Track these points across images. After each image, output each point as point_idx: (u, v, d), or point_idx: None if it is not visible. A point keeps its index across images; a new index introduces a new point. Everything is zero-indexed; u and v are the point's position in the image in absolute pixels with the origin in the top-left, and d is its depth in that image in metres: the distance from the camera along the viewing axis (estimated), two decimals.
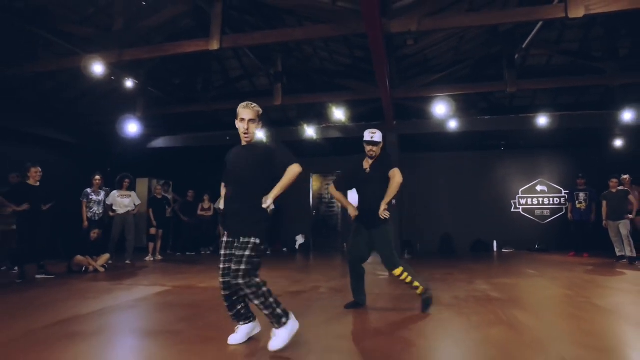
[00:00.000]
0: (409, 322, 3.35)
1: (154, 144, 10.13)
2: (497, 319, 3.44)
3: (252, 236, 2.56)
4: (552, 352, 2.57)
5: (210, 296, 4.62)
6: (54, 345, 2.82)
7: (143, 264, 7.74)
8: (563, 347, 2.66)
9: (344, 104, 8.07)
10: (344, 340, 2.87)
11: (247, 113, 2.72)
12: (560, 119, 8.27)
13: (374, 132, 3.75)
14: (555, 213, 10.25)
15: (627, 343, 2.90)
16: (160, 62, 8.10)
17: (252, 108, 2.74)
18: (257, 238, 2.57)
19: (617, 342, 2.92)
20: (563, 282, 5.40)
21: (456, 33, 6.31)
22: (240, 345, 2.71)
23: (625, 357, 2.57)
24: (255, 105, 2.78)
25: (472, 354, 2.56)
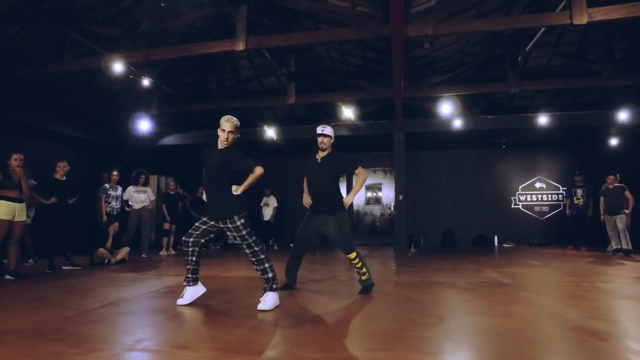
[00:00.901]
0: (434, 302, 3.64)
1: (165, 142, 10.34)
2: (514, 299, 3.76)
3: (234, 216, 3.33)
4: (569, 322, 2.88)
5: (238, 284, 4.90)
6: (114, 321, 3.07)
7: (158, 257, 7.96)
8: (578, 319, 2.98)
9: (353, 103, 8.36)
10: (393, 317, 3.16)
11: (228, 126, 3.36)
12: (558, 118, 8.65)
13: (324, 127, 4.23)
14: (553, 209, 10.65)
15: (630, 315, 3.23)
16: (173, 61, 8.33)
17: (232, 122, 3.40)
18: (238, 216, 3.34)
19: (620, 314, 3.27)
20: (566, 270, 5.75)
21: (463, 37, 6.64)
22: (290, 323, 2.99)
23: (629, 326, 2.89)
24: (235, 120, 3.44)
25: (499, 325, 2.86)
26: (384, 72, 7.65)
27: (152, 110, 8.59)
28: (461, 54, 7.58)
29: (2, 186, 4.99)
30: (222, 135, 3.39)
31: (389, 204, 11.51)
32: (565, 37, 7.62)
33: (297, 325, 2.85)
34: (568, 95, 9.35)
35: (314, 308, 3.45)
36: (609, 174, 8.20)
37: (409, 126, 8.85)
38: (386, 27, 4.67)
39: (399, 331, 2.71)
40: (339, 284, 4.82)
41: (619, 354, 2.24)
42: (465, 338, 2.58)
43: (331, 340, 2.52)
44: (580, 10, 4.55)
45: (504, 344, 2.46)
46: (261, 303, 3.34)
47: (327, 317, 3.13)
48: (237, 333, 2.76)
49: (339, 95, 7.90)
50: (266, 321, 3.05)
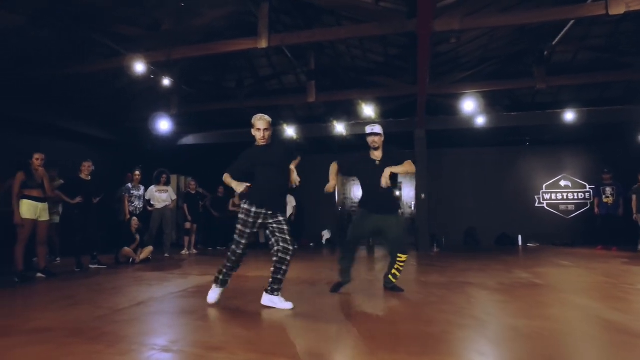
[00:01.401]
0: (469, 303, 3.52)
1: (184, 141, 10.40)
2: (551, 301, 3.62)
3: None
4: (613, 325, 2.74)
5: (263, 283, 4.85)
6: (146, 320, 3.06)
7: (180, 257, 7.99)
8: (622, 322, 2.83)
9: (373, 101, 8.25)
10: (433, 319, 3.07)
11: (262, 124, 3.45)
12: (585, 114, 8.39)
13: (374, 125, 4.16)
14: (580, 208, 10.36)
15: None
16: (192, 61, 8.36)
17: (265, 119, 3.48)
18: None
19: None
20: (600, 271, 5.54)
21: (488, 32, 6.47)
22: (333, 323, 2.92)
23: None
24: (267, 117, 3.51)
25: (541, 328, 2.73)
26: (405, 69, 7.52)
27: (172, 110, 8.64)
28: (484, 49, 7.40)
29: (26, 186, 5.03)
30: (258, 134, 3.47)
31: (410, 202, 11.36)
32: (594, 30, 7.36)
33: (334, 328, 2.79)
34: (593, 90, 9.04)
35: (347, 309, 3.38)
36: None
37: (431, 124, 8.69)
38: (411, 22, 4.56)
39: (440, 333, 2.62)
40: (365, 284, 4.73)
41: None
42: (508, 342, 2.47)
43: (370, 342, 2.45)
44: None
45: (549, 348, 2.34)
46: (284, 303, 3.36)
47: (361, 319, 3.05)
48: (272, 334, 2.71)
49: (359, 93, 7.80)
50: (299, 322, 2.99)
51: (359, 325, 2.86)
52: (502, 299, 3.75)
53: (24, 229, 4.93)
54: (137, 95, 8.84)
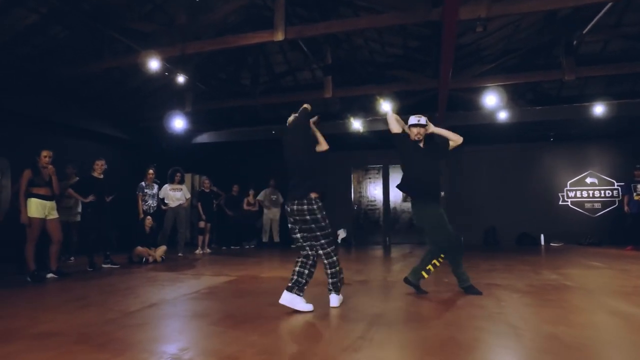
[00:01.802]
0: (499, 307, 3.27)
1: (198, 139, 10.31)
2: (590, 306, 3.35)
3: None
4: None
5: (278, 284, 4.67)
6: (157, 325, 2.91)
7: (194, 256, 7.89)
8: None
9: (391, 96, 8.00)
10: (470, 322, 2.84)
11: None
12: (615, 107, 7.98)
13: (419, 116, 3.90)
14: (607, 206, 9.91)
15: None
16: (206, 57, 8.24)
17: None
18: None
19: None
20: (637, 273, 5.20)
21: (513, 21, 6.15)
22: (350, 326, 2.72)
23: None
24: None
25: (588, 338, 2.48)
26: (426, 62, 7.24)
27: (187, 107, 8.54)
28: (508, 41, 7.07)
29: (33, 184, 4.90)
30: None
31: None
32: (628, 16, 6.95)
33: (357, 334, 2.58)
34: (624, 82, 8.60)
35: (370, 313, 3.15)
36: None
37: (451, 119, 8.38)
38: (435, 11, 4.31)
39: (472, 341, 2.39)
40: (387, 285, 4.52)
41: None
42: (550, 354, 2.22)
43: (398, 350, 2.24)
44: None
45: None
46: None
47: (387, 323, 2.84)
48: (290, 342, 2.53)
49: (377, 88, 7.56)
50: (319, 328, 2.79)
51: (384, 330, 2.65)
52: (535, 302, 3.49)
53: (32, 228, 4.82)
54: (152, 94, 8.77)
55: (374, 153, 11.00)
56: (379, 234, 11.17)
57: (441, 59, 4.90)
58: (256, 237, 10.52)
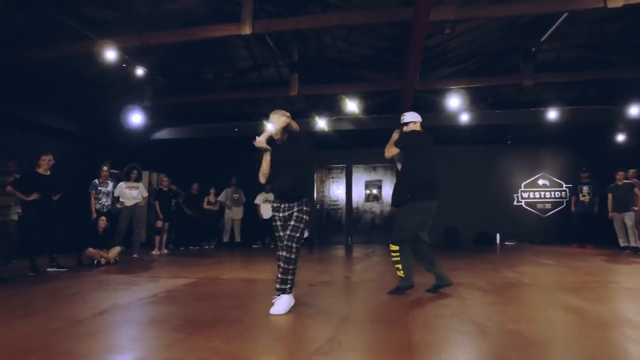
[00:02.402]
0: (464, 306, 3.31)
1: (158, 135, 9.87)
2: (548, 303, 3.47)
3: None
4: (626, 331, 2.58)
5: (241, 286, 4.53)
6: (109, 333, 2.69)
7: (151, 257, 7.52)
8: (630, 326, 2.68)
9: (357, 96, 8.01)
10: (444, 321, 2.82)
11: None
12: (567, 113, 8.43)
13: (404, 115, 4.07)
14: (556, 206, 10.46)
15: None
16: (168, 51, 7.88)
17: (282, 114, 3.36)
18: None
19: None
20: (585, 270, 5.49)
21: (478, 26, 6.32)
22: (317, 331, 2.63)
23: None
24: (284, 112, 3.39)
25: (550, 335, 2.54)
26: (393, 63, 7.30)
27: (146, 101, 8.12)
28: (472, 45, 7.27)
29: None
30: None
31: (390, 201, 11.20)
32: (581, 27, 7.34)
33: (324, 337, 2.50)
34: (576, 89, 9.12)
35: (336, 315, 3.08)
36: (618, 170, 8.01)
37: None
38: (407, 11, 4.32)
39: (441, 340, 2.38)
40: (351, 285, 4.48)
41: None
42: (516, 351, 2.24)
43: (367, 353, 2.18)
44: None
45: (561, 357, 2.14)
46: (275, 306, 3.12)
47: (354, 326, 2.78)
48: (257, 346, 2.40)
49: (344, 87, 7.54)
50: (286, 330, 2.69)
51: (353, 332, 2.59)
52: (497, 300, 3.57)
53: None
54: (108, 86, 8.25)
55: (337, 153, 11.01)
56: (341, 234, 11.19)
57: (409, 59, 4.92)
58: (216, 237, 10.23)
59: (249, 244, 10.09)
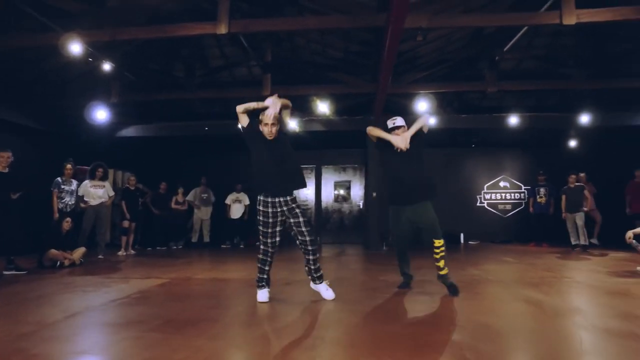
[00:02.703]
0: (436, 302, 3.47)
1: (124, 133, 9.56)
2: (512, 297, 3.70)
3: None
4: (579, 320, 2.82)
5: (216, 286, 4.51)
6: (84, 335, 2.64)
7: (117, 258, 7.30)
8: (582, 315, 2.93)
9: (329, 98, 8.12)
10: (401, 323, 2.95)
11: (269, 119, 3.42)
12: (527, 119, 8.93)
13: (394, 119, 3.99)
14: (516, 207, 11.03)
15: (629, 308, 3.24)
16: (137, 46, 7.67)
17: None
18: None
19: (618, 309, 3.24)
20: (542, 266, 5.87)
21: (446, 34, 6.60)
22: (299, 327, 2.70)
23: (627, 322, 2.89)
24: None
25: (514, 325, 2.73)
26: (366, 66, 7.46)
27: (112, 97, 7.85)
28: (441, 51, 7.57)
29: None
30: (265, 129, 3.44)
31: (358, 201, 11.40)
32: (538, 40, 7.83)
33: (309, 333, 2.57)
34: (533, 98, 9.68)
35: (314, 314, 3.17)
36: (570, 174, 8.57)
37: (385, 123, 8.73)
38: (381, 17, 4.46)
39: (418, 335, 2.51)
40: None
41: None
42: (488, 342, 2.40)
43: (350, 347, 2.27)
44: (570, 11, 4.62)
45: (529, 347, 2.32)
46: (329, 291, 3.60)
47: (334, 322, 2.87)
48: (241, 343, 2.44)
49: (316, 88, 7.62)
50: (267, 328, 2.73)
51: (334, 329, 2.67)
52: (465, 296, 3.75)
53: None
54: (72, 80, 7.90)
55: (307, 153, 11.06)
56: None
57: (382, 64, 5.08)
58: (185, 237, 10.05)
59: (217, 244, 9.99)
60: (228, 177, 10.38)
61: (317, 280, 3.63)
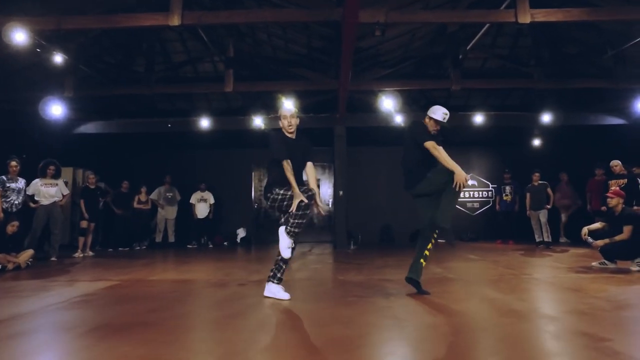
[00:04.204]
0: (387, 302, 3.40)
1: (83, 129, 9.14)
2: (466, 295, 3.67)
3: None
4: (529, 317, 2.79)
5: (168, 288, 4.31)
6: (3, 347, 2.41)
7: (72, 260, 6.96)
8: (533, 313, 2.91)
9: (293, 95, 7.99)
10: (355, 317, 2.84)
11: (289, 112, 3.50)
12: (492, 118, 9.04)
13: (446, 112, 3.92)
14: (483, 205, 11.18)
15: (575, 306, 3.26)
16: (94, 38, 7.34)
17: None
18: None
19: (568, 306, 3.25)
20: (504, 263, 5.91)
21: (409, 31, 6.57)
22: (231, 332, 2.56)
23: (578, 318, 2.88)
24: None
25: (462, 325, 2.68)
26: (328, 63, 7.37)
27: (66, 92, 7.46)
28: (405, 49, 7.55)
29: None
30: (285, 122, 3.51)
31: (327, 200, 11.31)
32: (501, 40, 7.94)
33: (246, 336, 2.43)
34: (497, 97, 9.83)
35: (260, 314, 3.03)
36: (534, 171, 8.73)
37: (350, 120, 8.67)
38: (337, 11, 4.36)
39: (361, 336, 2.41)
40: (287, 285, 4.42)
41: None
42: (425, 342, 2.33)
43: (287, 350, 2.14)
44: (524, 10, 4.67)
45: (462, 346, 2.26)
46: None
47: (279, 323, 2.74)
48: (170, 349, 2.27)
49: (280, 85, 7.48)
50: (204, 332, 2.58)
51: (271, 333, 2.54)
52: (420, 295, 3.70)
53: None
54: (17, 72, 7.44)
55: None
56: None
57: (342, 59, 4.99)
58: (149, 237, 9.73)
59: (182, 244, 9.72)
60: (193, 175, 10.12)
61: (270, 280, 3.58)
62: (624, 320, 2.77)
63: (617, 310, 3.00)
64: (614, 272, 4.93)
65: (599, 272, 4.99)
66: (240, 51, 7.51)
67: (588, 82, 7.61)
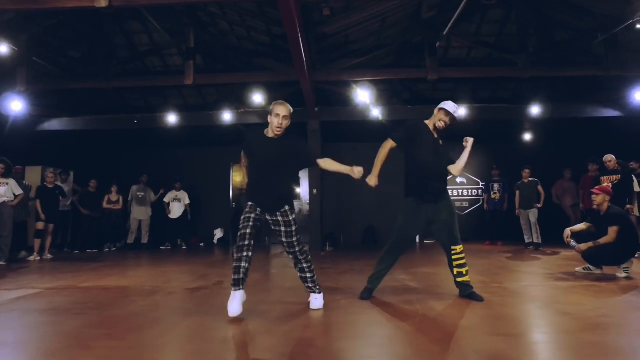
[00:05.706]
0: (308, 319, 2.92)
1: (47, 127, 8.76)
2: (412, 311, 3.16)
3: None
4: (463, 345, 2.28)
5: (86, 297, 3.86)
6: None
7: (23, 264, 6.56)
8: (475, 338, 2.39)
9: (263, 87, 7.52)
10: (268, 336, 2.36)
11: (283, 110, 3.02)
12: (478, 110, 8.47)
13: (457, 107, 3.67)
14: (473, 204, 10.60)
15: (533, 326, 2.76)
16: (49, 28, 6.93)
17: (287, 106, 3.07)
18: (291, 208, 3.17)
19: (524, 326, 2.77)
20: (479, 269, 5.39)
21: (377, 15, 6.06)
22: None
23: (531, 340, 2.40)
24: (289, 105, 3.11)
25: (377, 353, 2.18)
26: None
27: (20, 86, 7.05)
28: (377, 36, 7.03)
29: None
30: (275, 121, 3.01)
31: (307, 199, 10.82)
32: (486, 28, 7.41)
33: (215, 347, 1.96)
34: (487, 89, 9.27)
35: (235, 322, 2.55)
36: (525, 168, 8.16)
37: (324, 114, 8.15)
38: None
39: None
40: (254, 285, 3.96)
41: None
42: None
43: None
44: None
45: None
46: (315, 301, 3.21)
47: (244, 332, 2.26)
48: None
49: (244, 76, 7.00)
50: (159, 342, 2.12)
51: (244, 341, 2.07)
52: (357, 311, 3.20)
53: None
54: None
55: None
56: (259, 234, 10.63)
57: (290, 44, 4.49)
58: (122, 238, 9.36)
59: (156, 246, 9.32)
60: (172, 174, 9.71)
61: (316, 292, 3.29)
62: (580, 347, 2.24)
63: (581, 332, 2.48)
64: (598, 280, 4.40)
65: (581, 279, 4.47)
66: (203, 42, 7.05)
67: (578, 70, 7.02)
